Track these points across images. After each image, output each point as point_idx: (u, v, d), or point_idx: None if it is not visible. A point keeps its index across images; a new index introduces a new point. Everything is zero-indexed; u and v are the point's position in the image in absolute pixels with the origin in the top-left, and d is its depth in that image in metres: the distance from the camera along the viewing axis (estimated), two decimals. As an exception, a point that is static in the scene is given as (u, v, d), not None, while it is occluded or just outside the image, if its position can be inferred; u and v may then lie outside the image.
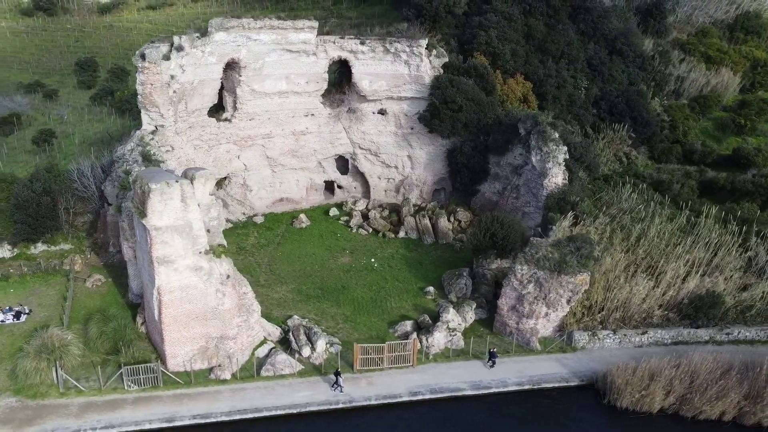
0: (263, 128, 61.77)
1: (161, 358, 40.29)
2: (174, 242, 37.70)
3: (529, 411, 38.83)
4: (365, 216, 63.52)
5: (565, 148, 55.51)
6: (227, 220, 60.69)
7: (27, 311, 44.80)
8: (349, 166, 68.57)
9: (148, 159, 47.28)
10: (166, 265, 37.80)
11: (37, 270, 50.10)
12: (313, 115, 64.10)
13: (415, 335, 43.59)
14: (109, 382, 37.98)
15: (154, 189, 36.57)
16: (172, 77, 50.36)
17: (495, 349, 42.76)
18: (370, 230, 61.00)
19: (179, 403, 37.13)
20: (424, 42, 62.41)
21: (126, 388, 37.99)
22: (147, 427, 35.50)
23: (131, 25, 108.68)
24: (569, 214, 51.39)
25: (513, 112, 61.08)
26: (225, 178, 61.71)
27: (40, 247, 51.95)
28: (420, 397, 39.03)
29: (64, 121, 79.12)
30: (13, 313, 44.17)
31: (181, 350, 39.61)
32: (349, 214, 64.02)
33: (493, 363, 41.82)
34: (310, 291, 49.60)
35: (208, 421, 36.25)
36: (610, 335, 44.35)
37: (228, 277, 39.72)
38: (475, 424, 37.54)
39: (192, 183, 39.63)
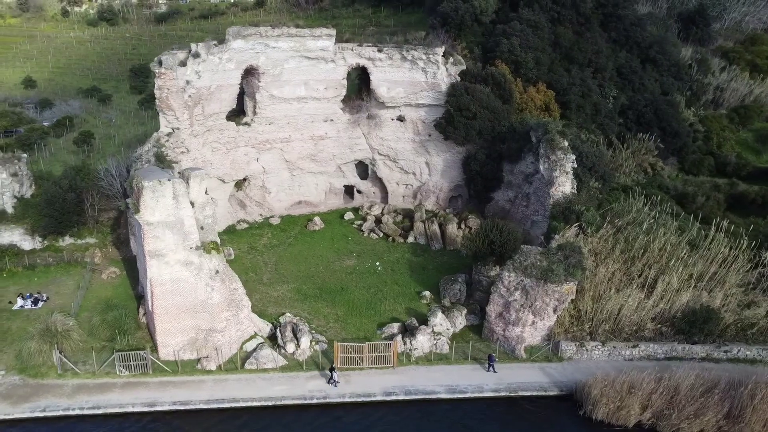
0: (282, 132, 63.93)
1: (155, 347, 42.67)
2: (165, 237, 40.08)
3: (500, 418, 38.87)
4: (379, 221, 64.64)
5: (573, 156, 54.93)
6: (243, 221, 63.25)
7: (44, 298, 48.34)
8: (369, 172, 69.93)
9: (161, 160, 50.04)
10: (157, 259, 40.22)
11: (61, 261, 53.82)
12: (332, 120, 65.81)
13: (399, 337, 44.33)
14: (102, 367, 40.64)
15: (146, 186, 39.09)
16: (188, 82, 53.18)
17: (495, 354, 43.04)
18: (381, 234, 62.07)
19: (163, 390, 39.34)
20: (440, 50, 63.09)
21: (117, 373, 40.56)
22: (130, 410, 37.84)
23: (184, 34, 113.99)
24: (574, 223, 50.99)
25: (526, 120, 60.83)
26: (244, 179, 64.19)
27: (67, 240, 55.74)
28: (393, 398, 39.79)
29: (112, 124, 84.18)
30: (31, 299, 47.77)
31: (171, 340, 41.89)
32: (364, 219, 65.29)
33: (493, 368, 42.05)
34: (309, 291, 51.12)
35: (187, 408, 38.28)
36: (599, 347, 43.68)
37: (217, 272, 41.80)
38: (442, 428, 37.95)
39: (188, 182, 42.12)
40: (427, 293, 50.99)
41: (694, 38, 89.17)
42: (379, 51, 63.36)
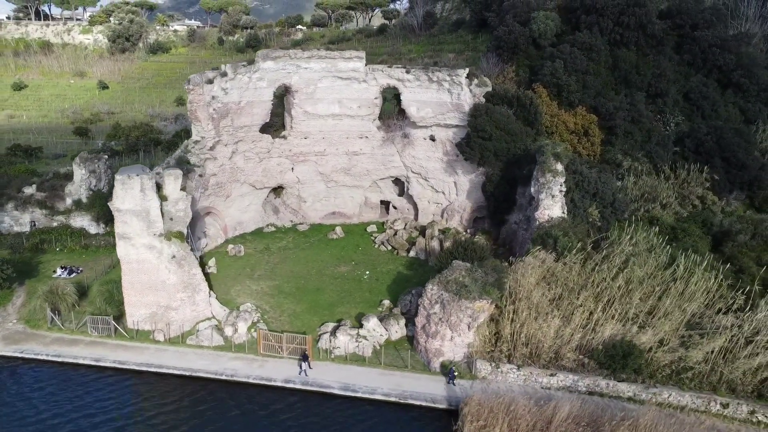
0: (317, 146, 69.50)
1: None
2: (132, 223, 47.59)
3: (371, 419, 39.98)
4: (395, 234, 67.05)
5: (562, 179, 53.32)
6: (272, 225, 69.73)
7: (79, 270, 58.81)
8: (405, 189, 72.64)
9: (179, 163, 58.30)
10: (124, 241, 47.88)
11: (109, 244, 64.41)
12: (366, 137, 69.96)
13: (327, 335, 47.05)
14: (78, 326, 49.12)
15: (117, 179, 47.05)
16: (213, 98, 61.06)
17: (454, 368, 43.97)
18: (390, 247, 64.55)
19: (113, 350, 46.55)
20: (463, 72, 64.43)
21: (89, 333, 48.69)
22: (80, 362, 45.52)
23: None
24: (551, 248, 49.74)
25: (540, 143, 59.62)
26: (281, 187, 70.75)
27: (124, 228, 66.40)
28: (291, 386, 42.83)
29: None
30: (68, 270, 58.46)
31: (136, 312, 49.17)
32: (384, 232, 68.16)
33: (452, 381, 42.63)
34: (286, 288, 55.54)
35: (123, 366, 45.02)
36: (514, 370, 42.28)
37: (174, 257, 48.25)
38: (315, 417, 40.31)
39: (164, 179, 49.54)
40: (386, 302, 52.80)
41: (812, 61, 78.25)
42: (407, 72, 66.46)
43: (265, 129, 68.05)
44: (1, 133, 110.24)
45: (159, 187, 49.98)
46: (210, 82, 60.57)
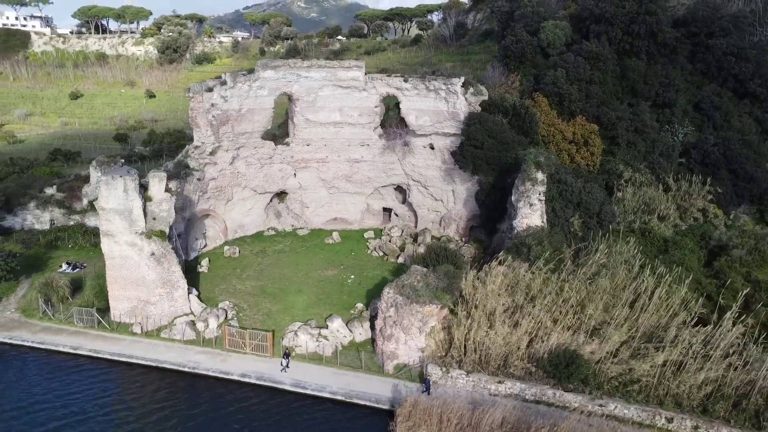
0: (319, 153, 71.17)
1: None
2: (115, 221, 50.34)
3: (318, 416, 40.74)
4: (390, 241, 67.69)
5: (542, 188, 52.86)
6: (273, 229, 71.70)
7: (82, 266, 62.36)
8: (406, 196, 73.23)
9: (178, 166, 61.21)
10: (108, 237, 50.66)
11: (116, 242, 67.93)
12: (368, 145, 71.10)
13: (293, 333, 48.23)
14: (67, 317, 52.17)
15: (102, 180, 49.96)
16: (213, 105, 63.68)
17: (429, 377, 44.51)
18: (381, 253, 65.25)
19: (92, 340, 49.21)
20: (458, 80, 64.76)
21: (75, 323, 51.66)
22: (60, 349, 48.36)
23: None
24: (525, 257, 49.49)
25: (525, 152, 59.17)
26: (285, 193, 72.71)
27: (134, 228, 69.92)
28: (246, 380, 44.19)
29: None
30: (72, 266, 62.11)
31: (119, 305, 51.83)
32: (380, 239, 68.93)
33: (427, 390, 42.20)
34: (269, 289, 57.13)
35: (97, 355, 47.52)
36: (463, 376, 42.11)
37: (153, 254, 50.68)
38: (262, 408, 41.60)
39: (149, 181, 52.24)
40: (360, 305, 53.52)
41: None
42: (405, 81, 67.31)
43: (273, 136, 70.42)
44: (52, 139, 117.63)
45: (146, 188, 52.71)
46: (209, 90, 63.22)
